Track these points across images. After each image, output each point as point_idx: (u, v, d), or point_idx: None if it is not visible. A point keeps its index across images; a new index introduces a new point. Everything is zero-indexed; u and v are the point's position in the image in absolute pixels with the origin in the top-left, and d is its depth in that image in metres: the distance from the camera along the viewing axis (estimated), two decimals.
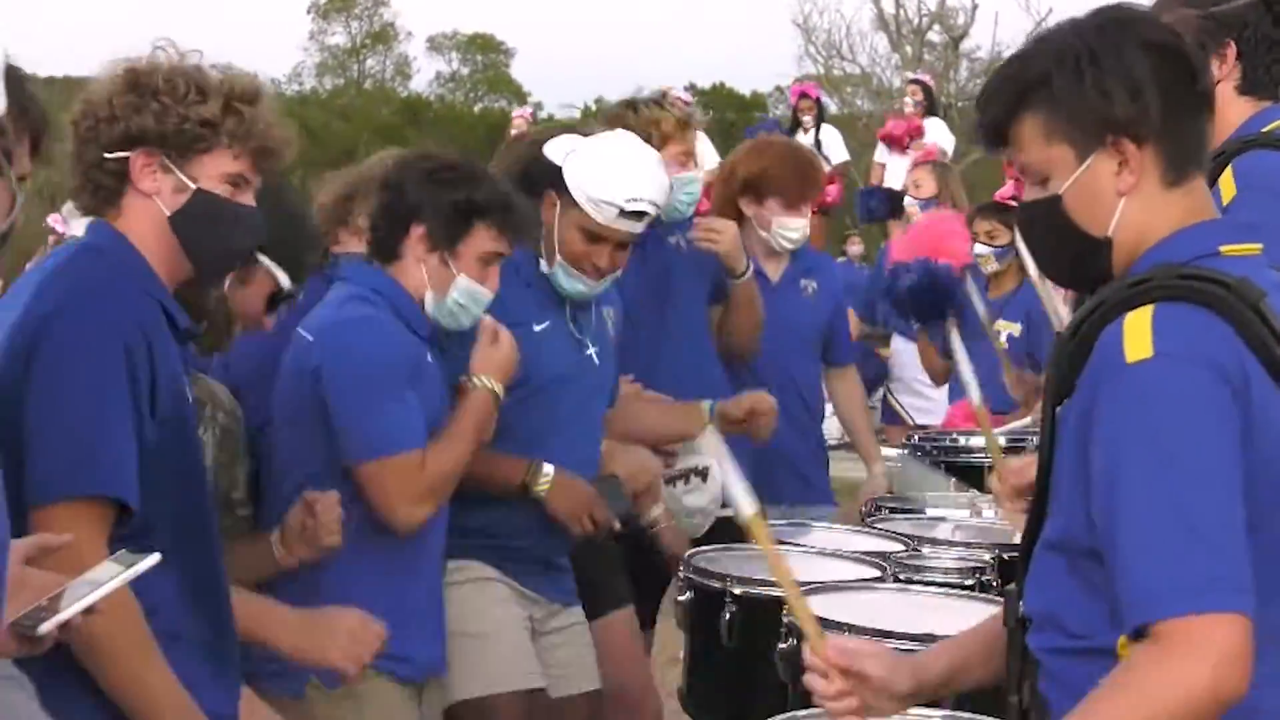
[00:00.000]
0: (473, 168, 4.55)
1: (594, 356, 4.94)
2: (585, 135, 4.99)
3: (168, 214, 3.35)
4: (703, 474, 5.46)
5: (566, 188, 4.76)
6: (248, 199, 3.44)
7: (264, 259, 3.86)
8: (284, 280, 3.93)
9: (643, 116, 5.69)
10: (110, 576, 2.79)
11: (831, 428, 6.81)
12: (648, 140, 5.35)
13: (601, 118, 5.80)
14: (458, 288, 4.36)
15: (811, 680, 2.87)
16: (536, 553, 4.80)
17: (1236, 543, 2.40)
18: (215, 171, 3.38)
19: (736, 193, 6.24)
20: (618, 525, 4.87)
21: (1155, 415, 2.44)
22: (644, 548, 5.36)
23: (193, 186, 3.36)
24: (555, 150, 4.85)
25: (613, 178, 4.76)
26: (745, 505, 2.75)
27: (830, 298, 6.48)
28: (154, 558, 2.89)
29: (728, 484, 2.82)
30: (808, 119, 15.81)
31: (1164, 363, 2.44)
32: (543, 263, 4.85)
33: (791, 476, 6.10)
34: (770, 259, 6.24)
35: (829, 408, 6.85)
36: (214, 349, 4.00)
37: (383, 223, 4.40)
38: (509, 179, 4.80)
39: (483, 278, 4.39)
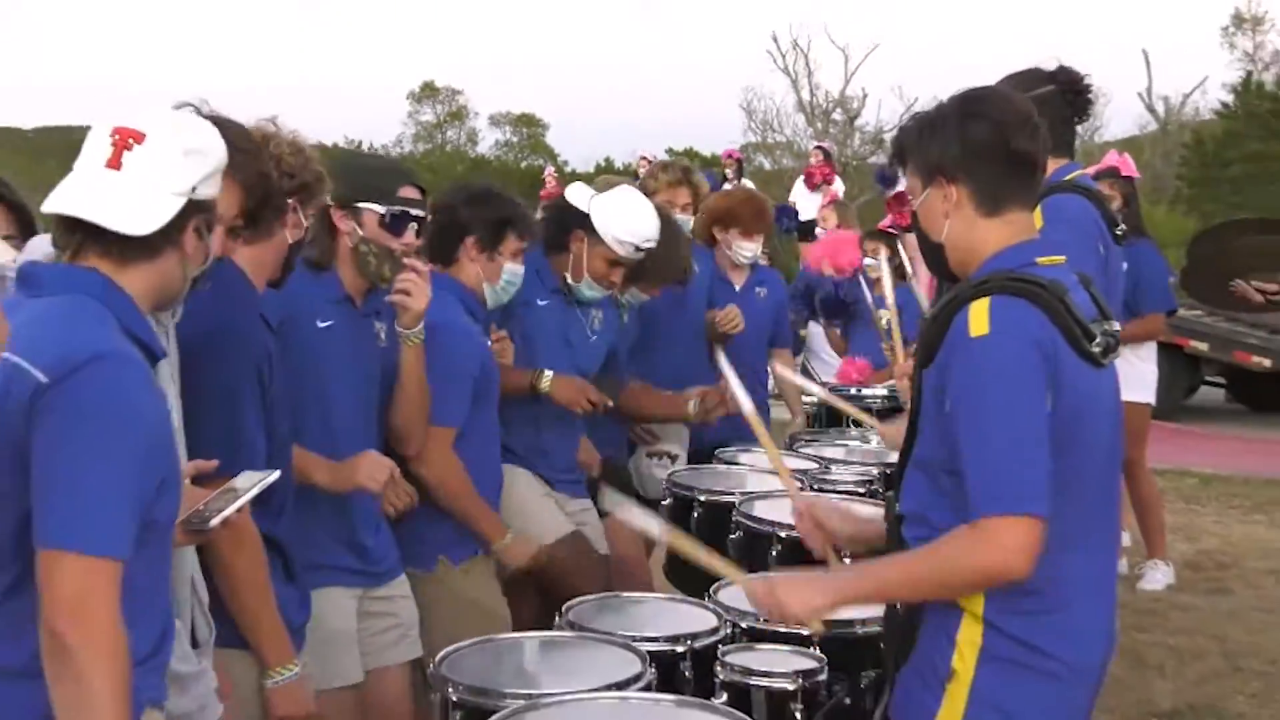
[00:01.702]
0: (498, 190, 4.48)
1: (589, 334, 4.93)
2: (596, 188, 4.97)
3: (290, 241, 3.30)
4: (673, 457, 5.60)
5: (594, 229, 4.76)
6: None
7: (361, 205, 3.71)
8: (380, 208, 3.72)
9: (663, 180, 5.86)
10: (248, 487, 2.77)
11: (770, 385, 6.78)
12: (657, 193, 5.64)
13: (635, 176, 5.93)
14: (505, 273, 4.32)
15: (798, 522, 3.04)
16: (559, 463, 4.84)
17: (1043, 465, 2.44)
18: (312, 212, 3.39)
19: (711, 222, 6.22)
20: (610, 403, 4.86)
21: (990, 375, 2.47)
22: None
23: (305, 224, 3.35)
24: (576, 197, 4.85)
25: (632, 225, 4.79)
26: (746, 404, 3.20)
27: (775, 300, 6.43)
28: (275, 474, 2.86)
29: (737, 392, 3.27)
30: (731, 172, 16.00)
31: (996, 338, 2.48)
32: (568, 276, 4.83)
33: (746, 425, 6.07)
34: (735, 271, 6.22)
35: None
36: (396, 271, 3.80)
37: (439, 237, 4.29)
38: (548, 221, 4.93)
39: (516, 265, 4.36)
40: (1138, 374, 7.37)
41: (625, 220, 4.80)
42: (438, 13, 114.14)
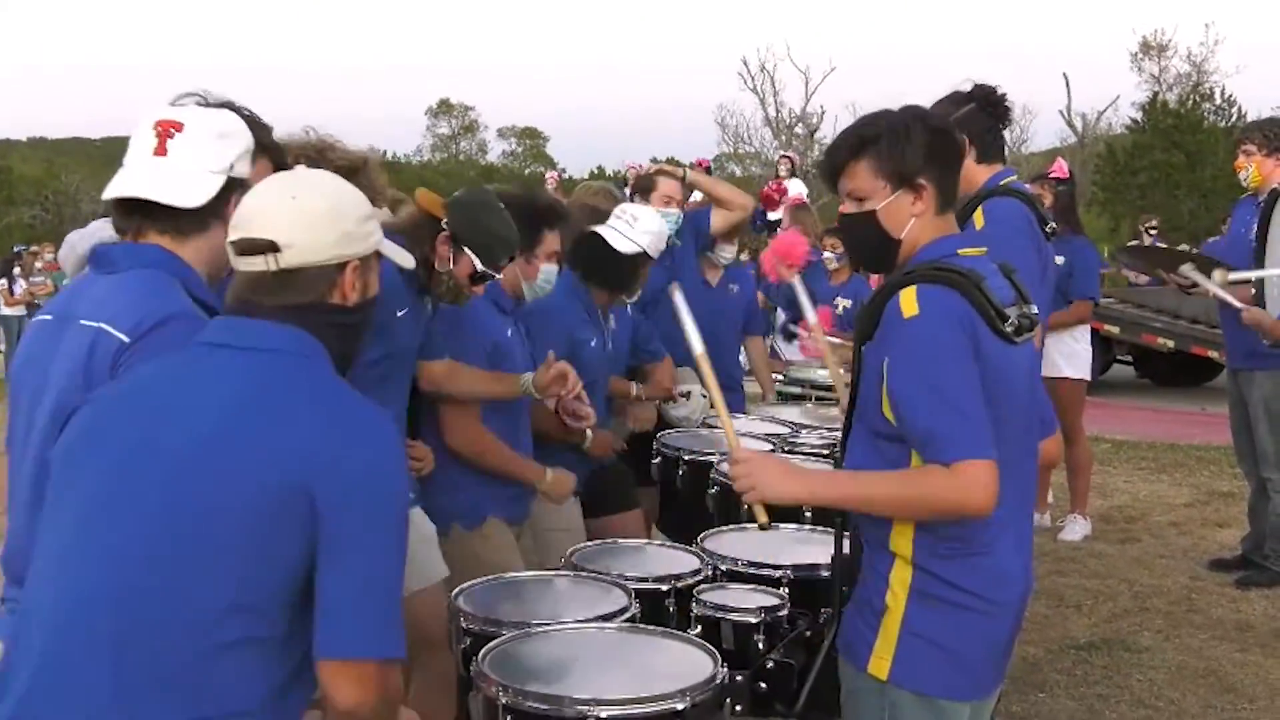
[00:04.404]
0: (533, 198, 4.37)
1: (608, 347, 4.88)
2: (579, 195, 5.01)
3: None
4: (686, 395, 5.48)
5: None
6: None
7: (466, 249, 3.73)
8: (479, 264, 3.76)
9: (642, 179, 5.82)
10: None
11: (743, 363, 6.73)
12: (649, 190, 5.67)
13: (623, 182, 5.93)
14: (542, 273, 4.26)
15: (731, 469, 2.77)
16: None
17: (984, 419, 2.44)
18: None
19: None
20: (623, 446, 4.92)
21: (925, 350, 2.46)
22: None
23: None
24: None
25: (640, 225, 4.82)
26: (696, 344, 2.89)
27: (747, 295, 6.38)
28: None
29: (688, 330, 2.90)
30: None
31: (926, 318, 2.46)
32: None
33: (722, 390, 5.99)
34: (712, 270, 6.14)
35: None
36: (456, 303, 3.86)
37: None
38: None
39: (551, 265, 4.29)
40: (1074, 353, 7.40)
41: (632, 224, 4.83)
42: (454, 37, 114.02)
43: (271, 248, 2.06)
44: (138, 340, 2.25)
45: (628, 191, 6.32)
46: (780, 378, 6.97)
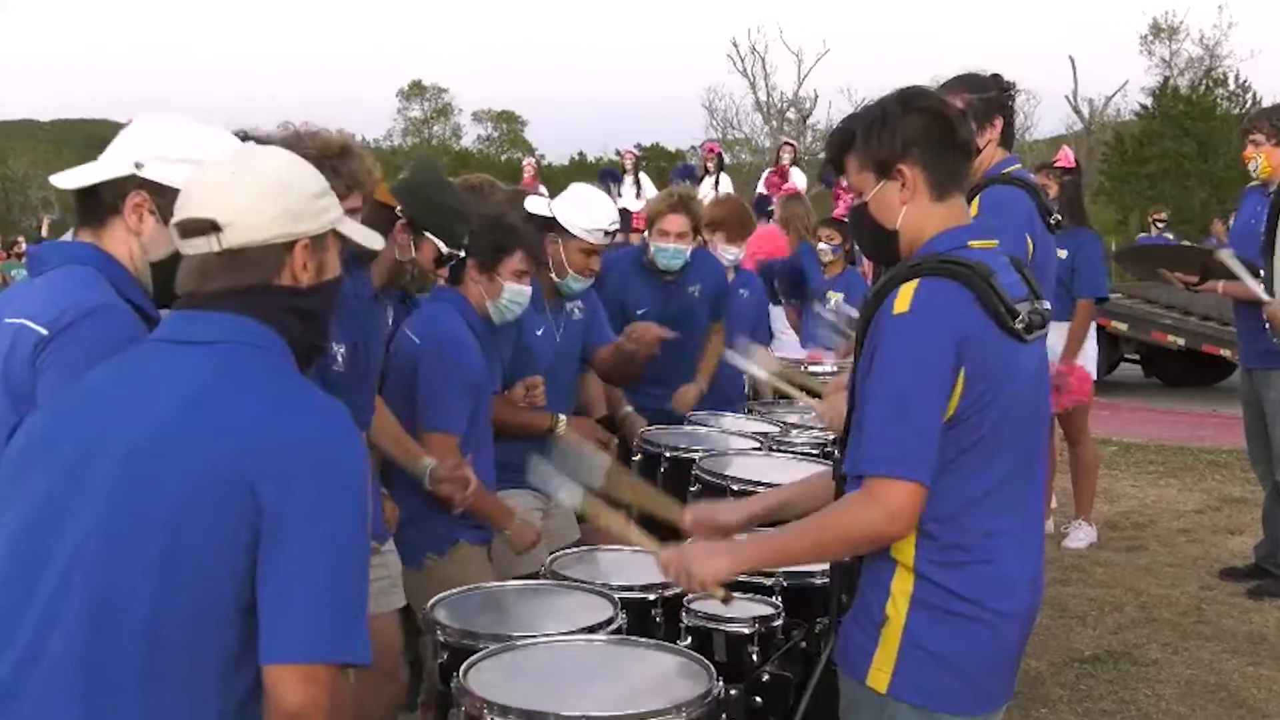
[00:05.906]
0: (499, 217, 4.34)
1: (557, 337, 4.90)
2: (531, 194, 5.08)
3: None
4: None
5: (564, 228, 4.79)
6: None
7: (428, 234, 3.72)
8: (443, 247, 3.77)
9: (655, 206, 5.79)
10: None
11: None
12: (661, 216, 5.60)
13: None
14: (506, 292, 4.26)
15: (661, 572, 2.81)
16: None
17: (929, 435, 2.45)
18: None
19: (702, 226, 6.12)
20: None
21: (898, 350, 2.48)
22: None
23: None
24: (535, 206, 4.87)
25: (595, 214, 4.84)
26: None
27: (756, 300, 6.41)
28: None
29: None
30: (712, 165, 15.95)
31: (912, 318, 2.47)
32: (553, 275, 4.82)
33: (724, 402, 5.97)
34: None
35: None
36: (422, 291, 3.98)
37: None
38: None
39: (518, 285, 4.29)
40: (1080, 351, 7.41)
41: (588, 211, 4.84)
42: (426, 15, 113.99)
43: (212, 227, 2.04)
44: (58, 333, 2.30)
45: (621, 185, 6.35)
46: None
